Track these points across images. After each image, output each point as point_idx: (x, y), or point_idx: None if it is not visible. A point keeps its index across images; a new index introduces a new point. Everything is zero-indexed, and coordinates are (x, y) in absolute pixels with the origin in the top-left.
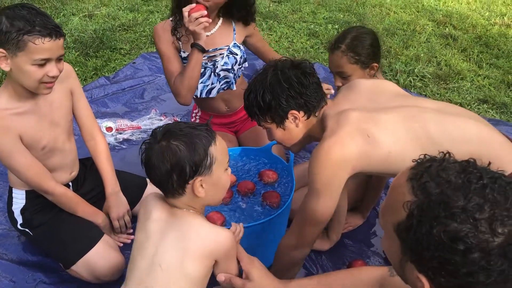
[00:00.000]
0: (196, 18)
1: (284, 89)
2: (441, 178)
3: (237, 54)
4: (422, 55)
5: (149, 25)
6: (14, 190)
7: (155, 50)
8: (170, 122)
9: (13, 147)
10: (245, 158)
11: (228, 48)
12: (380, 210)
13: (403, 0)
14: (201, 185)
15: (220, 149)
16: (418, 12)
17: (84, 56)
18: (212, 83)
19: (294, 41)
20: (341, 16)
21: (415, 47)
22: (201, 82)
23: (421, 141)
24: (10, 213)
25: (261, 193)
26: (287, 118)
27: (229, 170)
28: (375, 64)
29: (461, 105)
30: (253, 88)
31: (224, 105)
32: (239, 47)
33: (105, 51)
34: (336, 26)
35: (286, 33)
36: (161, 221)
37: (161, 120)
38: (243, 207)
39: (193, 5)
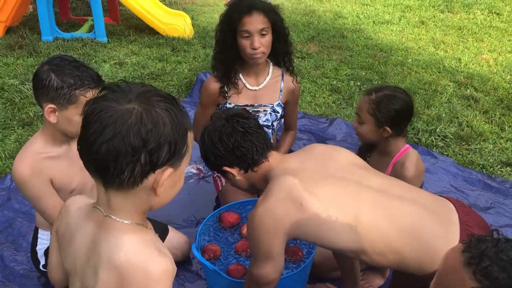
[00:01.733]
0: None
1: (210, 147)
2: (503, 260)
3: (278, 112)
4: (443, 115)
5: (177, 75)
6: (40, 231)
7: (182, 99)
8: (193, 170)
9: (43, 189)
10: None
11: (272, 107)
12: None
13: (424, 60)
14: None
15: (192, 138)
16: (439, 72)
17: None
18: None
19: (316, 95)
20: (363, 73)
21: (436, 107)
22: None
23: (352, 221)
24: (34, 253)
25: None
26: (224, 172)
27: None
28: (387, 129)
29: (483, 167)
30: (199, 141)
31: None
32: (281, 106)
33: None
34: (358, 83)
35: (309, 87)
36: (88, 235)
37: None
38: None
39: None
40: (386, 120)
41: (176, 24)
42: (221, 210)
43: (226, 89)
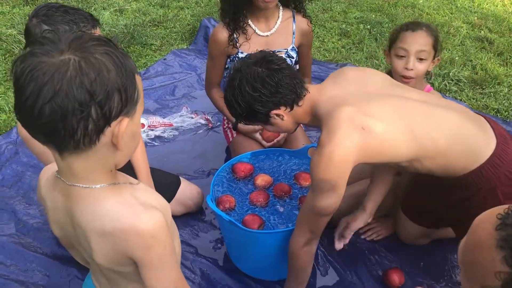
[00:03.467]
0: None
1: (255, 96)
2: None
3: (293, 57)
4: (456, 58)
5: (179, 21)
6: None
7: (185, 47)
8: (202, 120)
9: None
10: (280, 159)
11: (287, 52)
12: (461, 256)
13: (436, 1)
14: None
15: (141, 82)
16: (451, 13)
17: None
18: None
19: (325, 40)
20: (373, 16)
21: (449, 50)
22: None
23: (407, 132)
24: None
25: (298, 196)
26: (270, 117)
27: None
28: (438, 58)
29: (497, 111)
30: (229, 101)
31: None
32: (295, 50)
33: (136, 46)
34: (368, 26)
35: (317, 32)
36: (60, 207)
37: (192, 118)
38: (280, 210)
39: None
40: (438, 50)
41: None
42: (233, 161)
43: (235, 37)
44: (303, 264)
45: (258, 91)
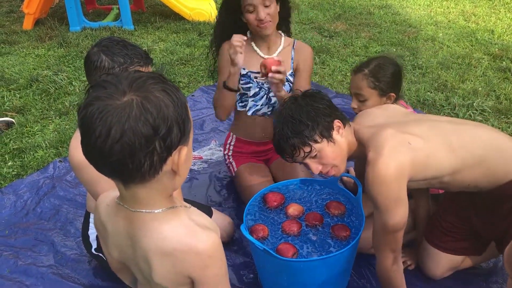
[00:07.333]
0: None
1: (321, 104)
2: None
3: (291, 83)
4: (479, 88)
5: (205, 60)
6: (91, 215)
7: (212, 84)
8: None
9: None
10: (311, 188)
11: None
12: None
13: (455, 34)
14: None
15: (190, 112)
16: (472, 45)
17: None
18: (262, 105)
19: (347, 74)
20: (394, 50)
21: (471, 81)
22: (253, 101)
23: (445, 146)
24: (85, 237)
25: (330, 225)
26: (333, 129)
27: None
28: (392, 94)
29: None
30: (291, 117)
31: (262, 131)
32: (293, 75)
33: None
34: None
35: (339, 66)
36: (121, 231)
37: (220, 150)
38: (313, 239)
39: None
40: (388, 87)
41: (201, 8)
42: (264, 191)
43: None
44: (398, 283)
45: (321, 100)
